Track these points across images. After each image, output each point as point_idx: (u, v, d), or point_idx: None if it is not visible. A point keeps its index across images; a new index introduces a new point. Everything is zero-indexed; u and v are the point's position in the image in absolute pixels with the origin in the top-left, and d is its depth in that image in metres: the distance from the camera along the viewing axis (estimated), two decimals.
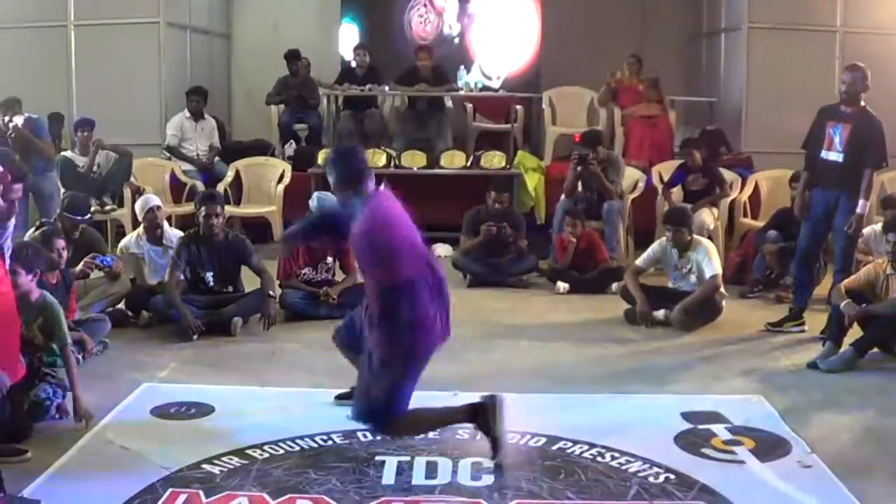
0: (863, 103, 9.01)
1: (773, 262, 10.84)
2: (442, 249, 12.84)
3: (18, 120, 10.97)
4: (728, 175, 12.66)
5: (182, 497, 5.59)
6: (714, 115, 15.11)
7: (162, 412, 7.04)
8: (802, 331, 9.40)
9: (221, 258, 9.52)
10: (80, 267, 9.18)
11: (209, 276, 9.52)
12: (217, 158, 13.85)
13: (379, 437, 6.44)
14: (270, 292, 9.36)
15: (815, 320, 9.30)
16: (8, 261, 6.23)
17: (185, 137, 13.74)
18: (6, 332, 5.19)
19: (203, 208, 9.44)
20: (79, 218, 9.55)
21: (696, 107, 15.60)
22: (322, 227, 7.10)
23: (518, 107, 14.66)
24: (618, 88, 14.74)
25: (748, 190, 12.75)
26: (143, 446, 6.32)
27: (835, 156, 9.03)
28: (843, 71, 9.26)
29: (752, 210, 12.66)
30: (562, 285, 11.04)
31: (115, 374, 7.52)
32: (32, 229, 9.08)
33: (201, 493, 5.63)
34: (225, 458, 6.09)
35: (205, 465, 6.00)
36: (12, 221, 6.46)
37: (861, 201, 8.97)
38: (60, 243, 8.43)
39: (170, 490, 5.67)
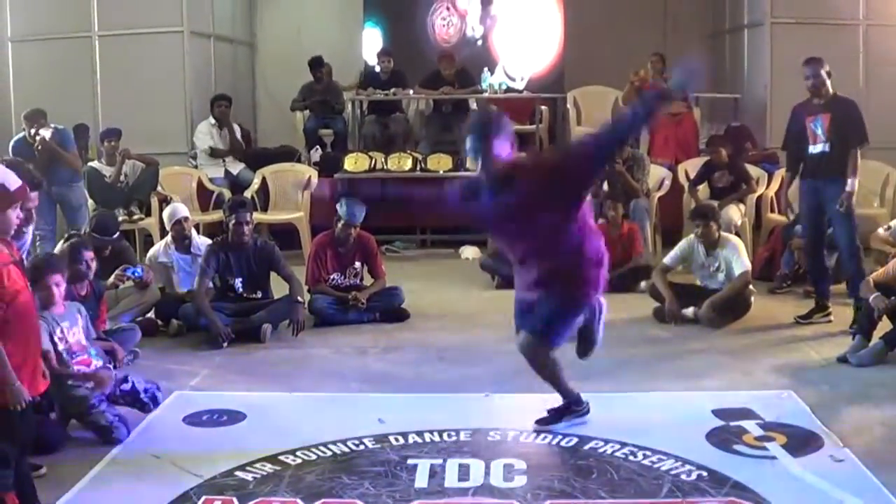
0: (831, 90, 9.19)
1: (802, 256, 10.80)
2: (469, 251, 12.89)
3: (46, 133, 11.04)
4: (754, 171, 12.65)
5: None
6: (739, 112, 15.07)
7: (194, 420, 7.07)
8: (830, 321, 9.47)
9: (250, 265, 9.55)
10: (111, 280, 9.25)
11: (238, 282, 9.56)
12: (243, 166, 13.89)
13: (412, 441, 6.48)
14: (299, 298, 9.39)
15: (843, 314, 9.34)
16: None
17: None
18: (26, 343, 5.22)
19: (233, 216, 9.46)
20: (107, 238, 9.60)
21: (720, 104, 15.57)
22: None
23: (543, 107, 14.69)
24: (642, 87, 14.69)
25: (774, 185, 12.71)
26: (176, 454, 6.34)
27: (821, 147, 9.21)
28: (803, 66, 9.32)
29: (778, 205, 12.60)
30: None
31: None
32: (62, 241, 9.12)
33: (235, 500, 5.64)
34: (258, 465, 6.11)
35: (238, 472, 6.02)
36: (30, 229, 6.49)
37: (850, 180, 9.12)
38: (89, 255, 8.45)
39: (203, 497, 5.69)
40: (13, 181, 5.24)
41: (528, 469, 6.05)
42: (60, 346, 6.72)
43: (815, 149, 9.21)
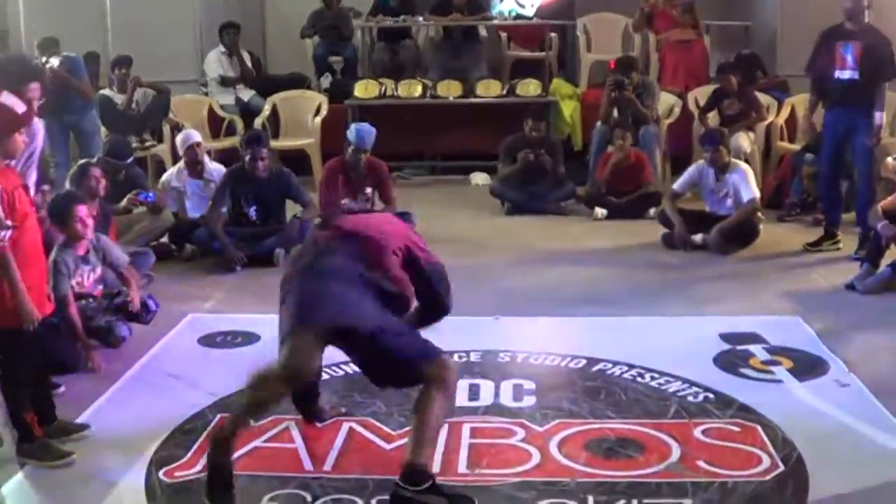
0: (866, 19, 9.19)
1: (810, 185, 10.82)
2: (479, 178, 12.94)
3: (54, 61, 11.03)
4: (764, 99, 12.63)
5: None
6: (749, 39, 15.00)
7: (209, 341, 7.19)
8: (838, 248, 9.53)
9: (266, 193, 9.61)
10: (123, 203, 9.34)
11: (252, 211, 9.63)
12: (254, 93, 13.92)
13: None
14: (297, 215, 9.52)
15: (852, 242, 9.39)
16: (33, 186, 6.34)
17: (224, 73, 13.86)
18: (33, 267, 5.31)
19: (249, 150, 9.53)
20: (121, 163, 9.68)
21: (730, 31, 15.45)
22: None
23: (552, 34, 14.61)
24: (652, 13, 14.64)
25: (784, 113, 12.69)
26: (192, 374, 6.48)
27: (849, 74, 9.17)
28: None
29: (788, 133, 12.62)
30: (599, 211, 11.09)
31: (161, 306, 7.60)
32: (74, 168, 9.20)
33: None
34: None
35: None
36: (38, 142, 6.47)
37: (878, 113, 9.16)
38: (97, 171, 8.53)
39: (219, 415, 5.79)
40: (20, 105, 5.32)
41: (537, 389, 6.16)
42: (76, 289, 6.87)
43: (842, 74, 9.18)
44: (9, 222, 5.07)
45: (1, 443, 5.49)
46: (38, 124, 6.37)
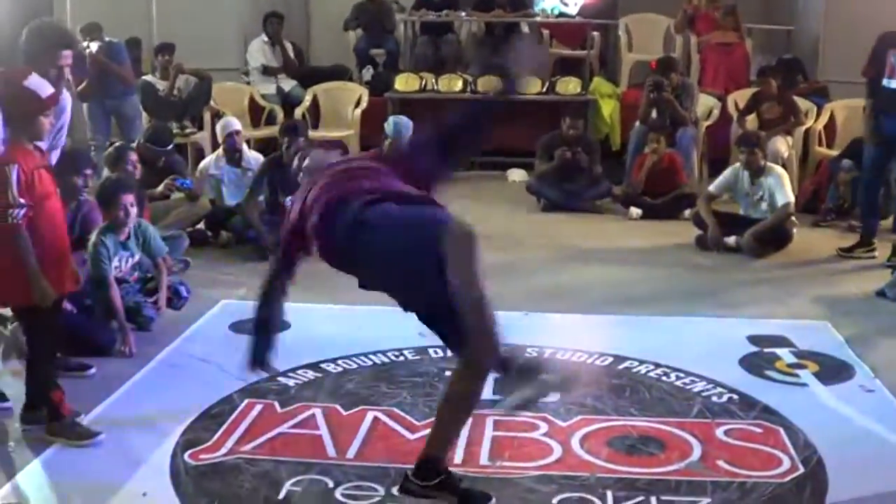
0: None
1: (847, 191, 10.80)
2: (516, 174, 12.96)
3: (94, 46, 11.10)
4: (803, 104, 12.58)
5: (258, 407, 5.82)
6: (791, 44, 14.94)
7: (240, 327, 7.22)
8: (873, 257, 9.46)
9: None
10: (160, 188, 9.44)
11: (288, 200, 9.69)
12: (295, 83, 14.00)
13: (449, 353, 6.62)
14: None
15: (886, 250, 9.34)
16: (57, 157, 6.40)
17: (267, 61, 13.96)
18: (51, 246, 5.38)
19: (286, 139, 9.60)
20: (161, 150, 9.79)
21: (773, 35, 15.41)
22: None
23: (594, 33, 14.61)
24: (695, 15, 14.62)
25: (823, 119, 12.65)
26: (221, 359, 6.53)
27: None
28: None
29: (826, 139, 12.58)
30: (634, 211, 11.10)
31: (194, 291, 7.71)
32: (111, 150, 9.30)
33: (276, 403, 5.86)
34: (300, 372, 6.30)
35: (280, 378, 6.20)
36: (66, 117, 6.51)
37: None
38: (133, 157, 8.66)
39: (246, 400, 5.91)
40: (46, 89, 5.40)
41: None
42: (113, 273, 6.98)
43: (889, 83, 9.07)
44: (22, 200, 5.14)
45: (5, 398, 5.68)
46: (66, 99, 6.41)
